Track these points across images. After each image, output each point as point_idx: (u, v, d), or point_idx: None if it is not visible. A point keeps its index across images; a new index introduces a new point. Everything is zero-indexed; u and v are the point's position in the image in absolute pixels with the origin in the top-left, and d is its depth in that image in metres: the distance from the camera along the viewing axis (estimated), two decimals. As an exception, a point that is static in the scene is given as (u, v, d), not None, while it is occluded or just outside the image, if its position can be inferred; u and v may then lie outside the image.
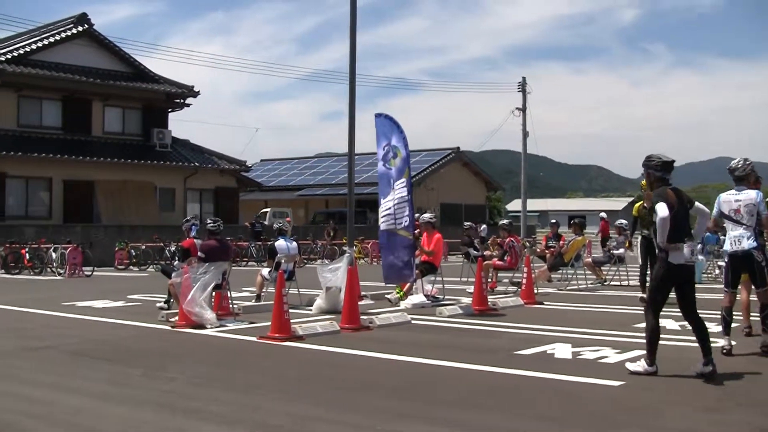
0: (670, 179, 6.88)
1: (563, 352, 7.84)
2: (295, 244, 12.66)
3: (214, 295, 10.61)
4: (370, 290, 13.74)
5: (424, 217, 13.34)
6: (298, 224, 35.68)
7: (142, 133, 31.86)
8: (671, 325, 9.85)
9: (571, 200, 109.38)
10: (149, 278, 19.63)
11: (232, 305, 11.23)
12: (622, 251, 16.99)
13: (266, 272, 12.27)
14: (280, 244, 12.25)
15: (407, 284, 12.49)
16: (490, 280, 15.21)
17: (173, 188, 31.79)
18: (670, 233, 6.51)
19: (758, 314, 7.82)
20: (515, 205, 69.01)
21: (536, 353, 7.84)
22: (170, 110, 33.39)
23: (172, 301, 11.34)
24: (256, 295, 12.40)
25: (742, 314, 8.48)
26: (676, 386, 6.30)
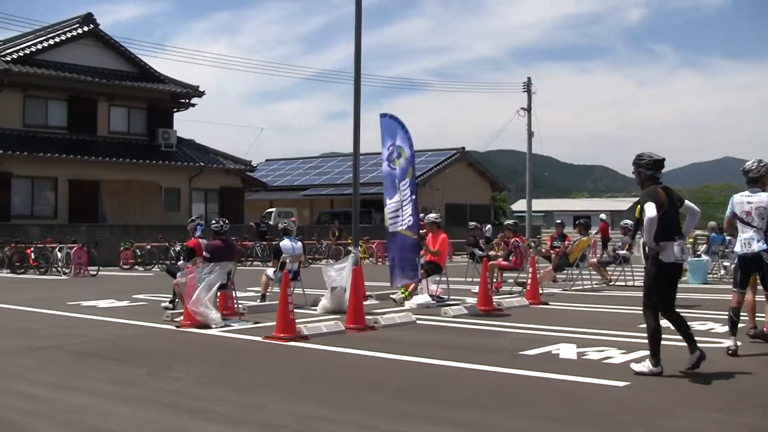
0: (660, 178, 6.91)
1: (568, 352, 7.83)
2: (300, 244, 12.68)
3: (219, 295, 10.63)
4: (375, 290, 13.72)
5: (429, 217, 13.34)
6: (303, 224, 35.69)
7: (147, 133, 31.94)
8: (676, 325, 9.83)
9: (576, 200, 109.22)
10: (154, 278, 19.67)
11: (236, 305, 11.24)
12: (626, 252, 16.95)
13: (271, 272, 12.28)
14: (285, 243, 12.26)
15: (412, 284, 12.49)
16: (495, 280, 15.18)
17: (178, 188, 31.85)
18: (661, 232, 6.57)
19: (764, 316, 7.79)
20: (520, 205, 68.91)
21: (541, 353, 7.83)
22: (175, 110, 33.48)
23: (177, 300, 11.35)
24: (261, 295, 12.41)
25: (747, 315, 8.46)
26: (681, 387, 6.28)
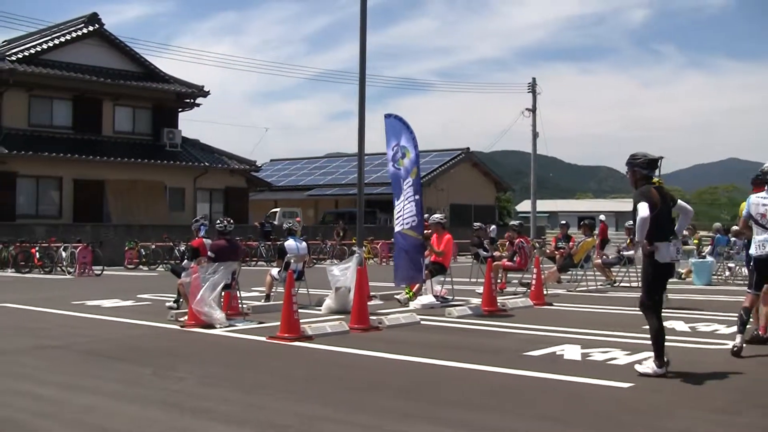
0: (654, 177, 6.92)
1: (572, 353, 7.83)
2: (304, 244, 12.68)
3: (223, 294, 10.63)
4: (379, 290, 13.74)
5: (434, 217, 13.33)
6: (307, 224, 35.71)
7: (152, 132, 31.98)
8: (681, 327, 9.83)
9: (580, 201, 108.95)
10: (159, 278, 19.70)
11: (241, 305, 11.25)
12: (631, 252, 16.93)
13: (276, 272, 12.29)
14: (289, 244, 12.27)
15: (417, 285, 12.49)
16: (499, 280, 15.18)
17: (183, 188, 31.89)
18: (655, 232, 6.57)
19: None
20: (525, 205, 68.84)
21: (545, 354, 7.82)
22: (180, 110, 33.49)
23: (181, 300, 11.36)
24: (265, 295, 12.42)
25: (753, 317, 8.43)
26: (685, 388, 6.28)
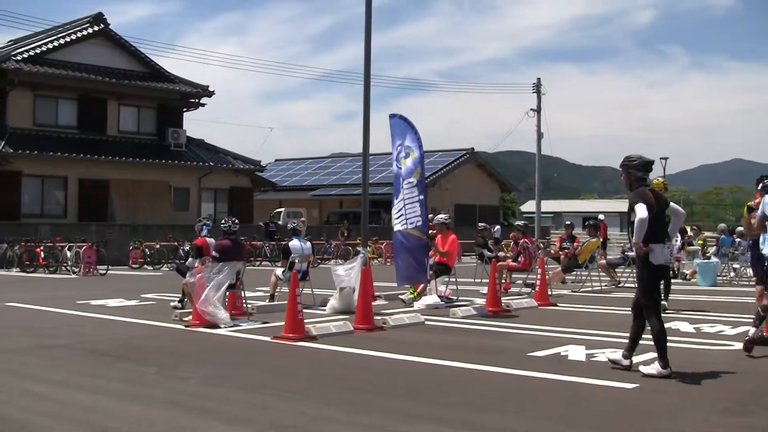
0: (648, 180, 6.94)
1: (577, 354, 7.81)
2: (309, 244, 12.68)
3: (228, 294, 10.64)
4: (383, 291, 13.73)
5: (439, 218, 13.33)
6: (312, 224, 35.71)
7: (157, 132, 32.04)
8: (685, 327, 9.81)
9: (585, 201, 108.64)
10: (163, 277, 19.73)
11: (245, 305, 11.26)
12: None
13: (280, 272, 12.29)
14: (294, 244, 12.27)
15: (421, 285, 12.48)
16: (503, 281, 15.17)
17: (188, 188, 31.94)
18: (650, 234, 6.58)
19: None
20: (529, 206, 68.71)
21: (549, 355, 7.81)
22: (185, 110, 33.56)
23: (186, 300, 11.37)
24: (269, 295, 12.41)
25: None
26: (689, 389, 6.26)
